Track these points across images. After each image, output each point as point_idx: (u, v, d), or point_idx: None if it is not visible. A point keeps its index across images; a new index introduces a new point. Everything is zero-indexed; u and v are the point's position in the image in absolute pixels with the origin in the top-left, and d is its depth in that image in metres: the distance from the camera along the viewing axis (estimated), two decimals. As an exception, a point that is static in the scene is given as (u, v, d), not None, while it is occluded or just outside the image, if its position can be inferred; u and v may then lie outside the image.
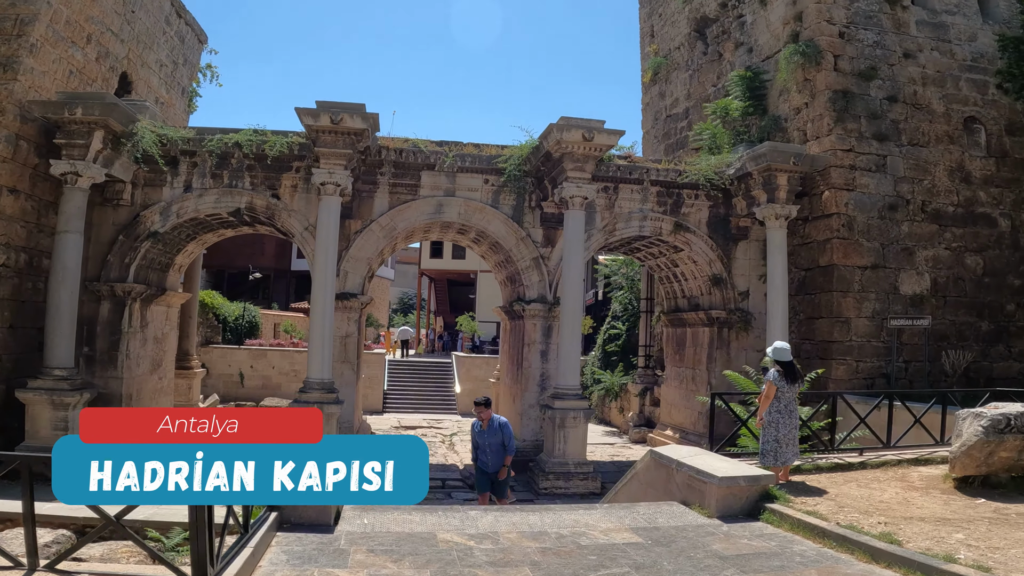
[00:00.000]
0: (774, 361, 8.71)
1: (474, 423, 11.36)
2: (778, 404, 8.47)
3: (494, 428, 10.99)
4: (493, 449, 10.99)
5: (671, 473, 7.52)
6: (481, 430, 11.10)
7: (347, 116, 14.24)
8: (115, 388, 15.81)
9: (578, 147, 14.95)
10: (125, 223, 16.11)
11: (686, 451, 7.92)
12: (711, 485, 6.99)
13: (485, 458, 11.14)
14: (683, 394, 19.49)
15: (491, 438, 10.97)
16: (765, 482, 7.41)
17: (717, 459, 7.87)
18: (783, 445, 8.37)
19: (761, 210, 16.32)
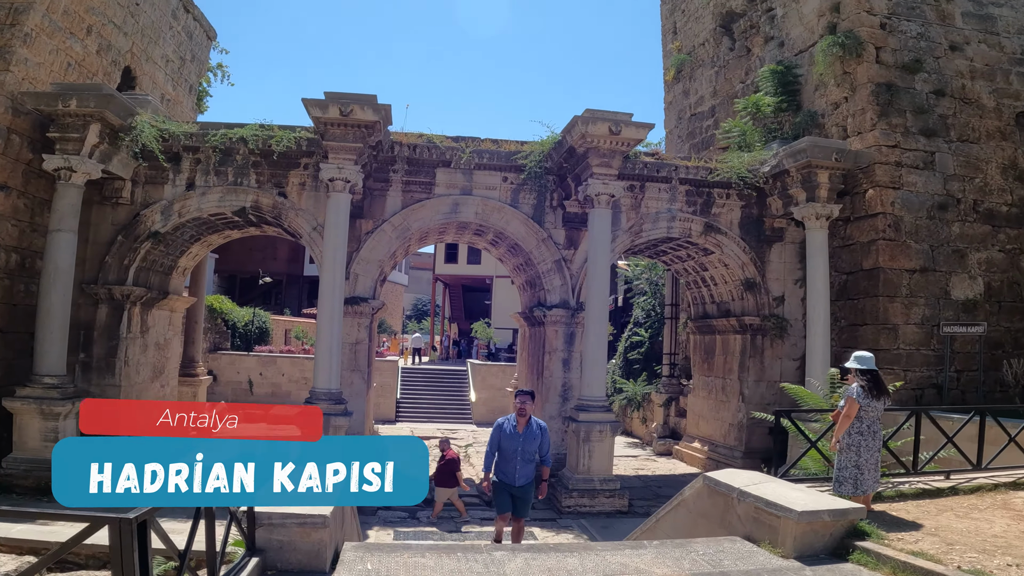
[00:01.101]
0: (858, 373, 7.48)
1: (503, 423, 9.06)
2: (859, 424, 7.26)
3: (533, 432, 8.92)
4: (526, 458, 8.91)
5: (730, 503, 6.44)
6: (514, 432, 8.90)
7: (357, 107, 13.31)
8: (112, 396, 14.89)
9: (604, 141, 13.95)
10: (124, 223, 15.25)
11: (746, 477, 6.82)
12: (787, 520, 5.84)
13: (511, 468, 8.94)
14: (712, 405, 18.42)
15: (527, 443, 8.89)
16: (854, 516, 6.20)
17: (787, 487, 6.72)
18: (864, 471, 7.19)
19: (800, 210, 15.26)
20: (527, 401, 9.02)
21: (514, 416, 9.03)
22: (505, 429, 8.96)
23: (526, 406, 8.97)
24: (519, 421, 8.94)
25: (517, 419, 8.96)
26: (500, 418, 9.20)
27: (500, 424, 9.07)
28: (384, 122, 13.87)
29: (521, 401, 9.00)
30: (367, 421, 16.16)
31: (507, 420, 9.05)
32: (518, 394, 9.13)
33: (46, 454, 12.66)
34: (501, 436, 8.96)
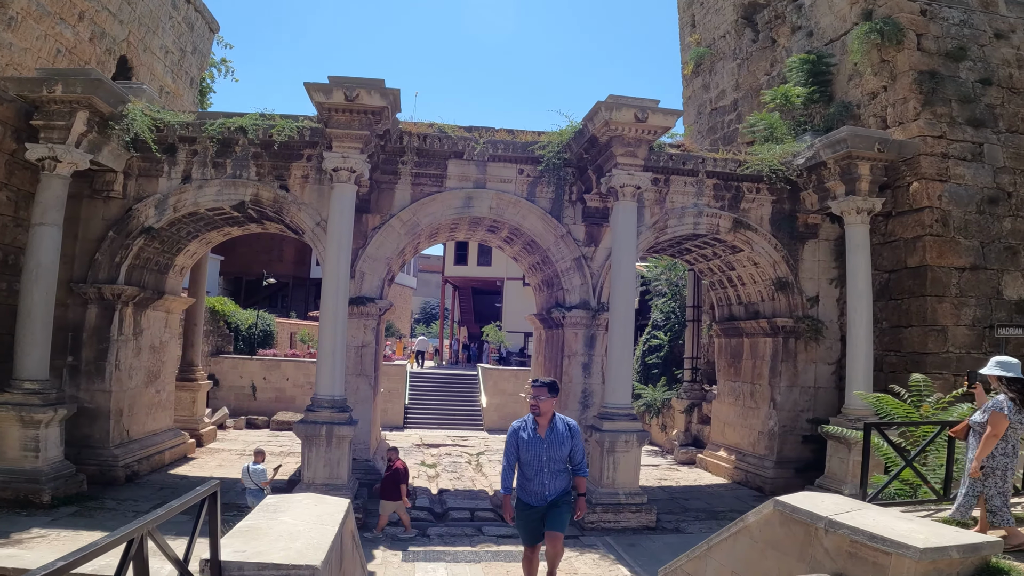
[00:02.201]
0: (1003, 382, 6.07)
1: (519, 427, 7.10)
2: (1004, 444, 6.00)
3: (559, 434, 6.94)
4: (554, 469, 6.93)
5: (814, 534, 5.28)
6: (534, 437, 6.93)
7: (364, 92, 12.33)
8: (102, 403, 14.01)
9: (629, 129, 12.93)
10: (116, 218, 14.32)
11: (831, 503, 5.66)
12: (902, 558, 4.57)
13: (537, 485, 6.95)
14: (739, 411, 17.36)
15: (554, 450, 6.90)
16: (988, 551, 4.92)
17: (890, 516, 5.43)
18: (1008, 498, 6.01)
19: (838, 204, 14.20)
20: (543, 395, 6.93)
21: (531, 417, 7.02)
22: (522, 435, 6.97)
23: (541, 402, 6.91)
24: (538, 423, 6.95)
25: (535, 420, 6.98)
26: (515, 421, 7.17)
27: (515, 429, 7.04)
28: (392, 108, 12.88)
29: (535, 396, 6.95)
30: (373, 429, 15.18)
31: (523, 423, 7.06)
32: (533, 385, 7.15)
33: (26, 464, 11.75)
34: (519, 444, 6.96)
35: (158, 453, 15.63)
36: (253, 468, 11.14)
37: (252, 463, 11.30)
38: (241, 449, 19.48)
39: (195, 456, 17.57)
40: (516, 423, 7.15)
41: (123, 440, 14.52)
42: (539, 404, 6.92)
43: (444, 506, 14.35)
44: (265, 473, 11.20)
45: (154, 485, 14.17)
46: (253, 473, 11.07)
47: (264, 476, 11.16)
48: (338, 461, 11.94)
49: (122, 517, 11.79)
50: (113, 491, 13.27)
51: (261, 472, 11.15)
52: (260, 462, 11.35)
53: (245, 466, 11.25)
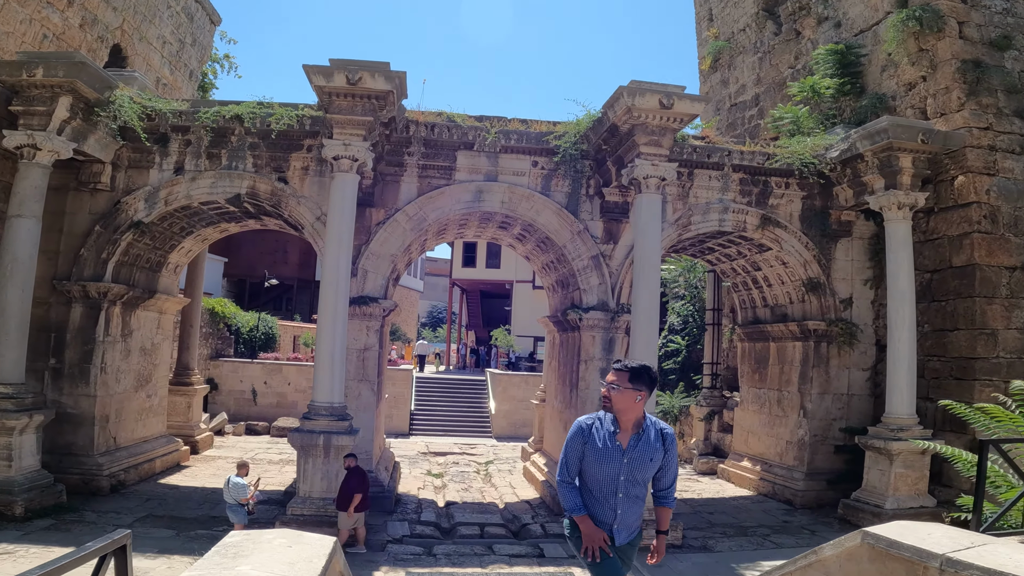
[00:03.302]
0: None
1: (586, 427, 4.78)
2: None
3: (649, 446, 4.73)
4: (632, 494, 4.72)
5: (922, 574, 4.24)
6: (612, 446, 4.68)
7: (367, 75, 11.40)
8: (86, 408, 13.10)
9: (653, 116, 11.96)
10: (104, 211, 13.45)
11: (943, 536, 4.52)
12: None
13: (601, 511, 4.72)
14: (765, 420, 16.34)
15: (636, 467, 4.70)
16: None
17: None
18: None
19: (877, 199, 13.21)
20: (621, 383, 4.64)
21: (609, 416, 4.74)
22: (594, 438, 4.68)
23: (615, 393, 4.66)
24: (620, 425, 4.69)
25: (615, 420, 4.71)
26: (584, 417, 4.84)
27: (583, 428, 4.75)
28: (398, 94, 11.95)
29: (609, 383, 4.70)
30: (376, 437, 14.23)
31: (596, 421, 4.77)
32: (617, 370, 4.71)
33: (-2, 474, 10.81)
34: (587, 451, 4.70)
35: (148, 461, 14.70)
36: (234, 482, 10.13)
37: (234, 475, 10.29)
38: (238, 456, 18.49)
39: (189, 464, 16.65)
40: (585, 420, 4.78)
41: (109, 448, 13.61)
42: (611, 396, 4.67)
43: (452, 520, 13.39)
44: (246, 489, 10.19)
45: (141, 496, 13.25)
46: (233, 488, 10.07)
47: (244, 492, 10.15)
48: (337, 473, 10.98)
49: (100, 531, 10.83)
50: (96, 502, 12.35)
51: (242, 487, 10.14)
52: (244, 475, 10.35)
53: (227, 479, 10.26)
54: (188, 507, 12.67)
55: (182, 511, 12.37)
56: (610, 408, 4.73)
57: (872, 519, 12.21)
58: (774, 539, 12.22)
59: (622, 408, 4.70)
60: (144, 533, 10.97)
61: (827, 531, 12.59)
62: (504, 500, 15.46)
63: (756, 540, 12.18)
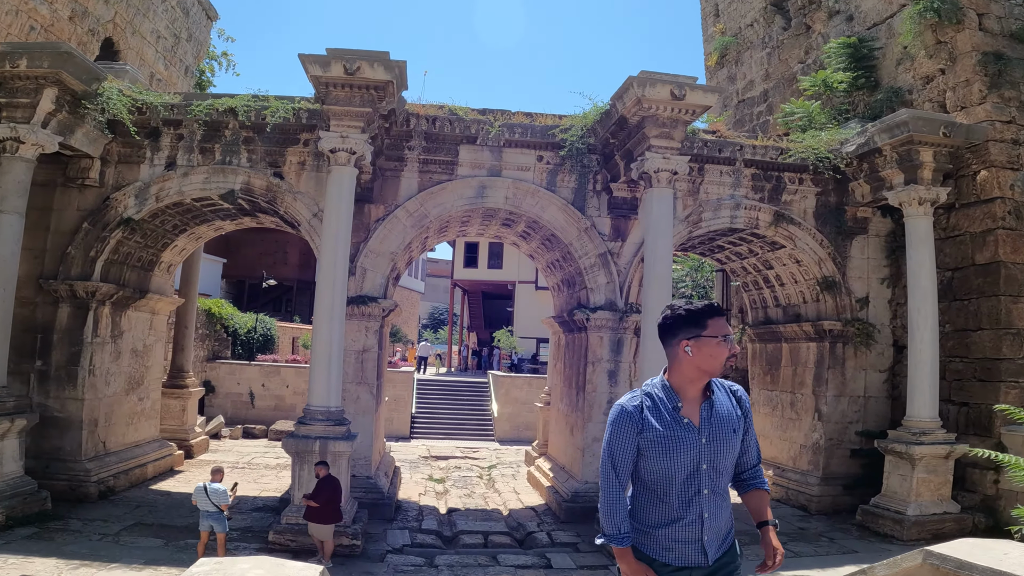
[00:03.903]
0: None
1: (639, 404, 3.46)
2: None
3: (726, 413, 3.52)
4: (718, 487, 3.48)
5: None
6: (678, 423, 3.42)
7: (365, 65, 10.91)
8: (74, 411, 12.59)
9: (664, 108, 11.45)
10: (92, 208, 12.96)
11: (1020, 553, 4.04)
12: None
13: (684, 520, 3.42)
14: (777, 423, 15.82)
15: (720, 446, 3.46)
16: None
17: None
18: None
19: (896, 194, 12.71)
20: (715, 324, 3.45)
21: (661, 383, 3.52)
22: (650, 422, 3.42)
23: (694, 344, 3.43)
24: (680, 395, 3.47)
25: (672, 389, 3.48)
26: (625, 398, 3.55)
27: (630, 412, 3.44)
28: (398, 85, 11.46)
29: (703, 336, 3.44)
30: (376, 442, 13.71)
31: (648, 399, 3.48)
32: (679, 313, 3.54)
33: (-24, 482, 10.31)
34: (647, 439, 3.42)
35: (139, 467, 14.19)
36: (212, 488, 9.60)
37: (209, 482, 9.76)
38: (235, 461, 18.07)
39: (183, 469, 16.13)
40: (628, 400, 3.48)
41: (98, 452, 13.10)
42: (693, 354, 3.42)
43: (454, 529, 12.87)
44: (227, 494, 9.67)
45: (130, 502, 12.73)
46: (212, 493, 9.53)
47: (226, 497, 9.62)
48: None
49: (86, 540, 10.38)
50: (82, 510, 11.83)
51: (223, 493, 9.61)
52: (218, 481, 9.83)
53: (200, 485, 9.71)
54: (179, 515, 12.15)
55: (172, 519, 11.86)
56: (700, 367, 3.41)
57: (893, 526, 11.76)
58: (792, 547, 11.69)
59: (692, 373, 3.42)
60: (131, 542, 10.48)
61: (846, 538, 12.09)
62: (508, 507, 14.95)
63: (772, 548, 11.65)
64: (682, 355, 3.43)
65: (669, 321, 3.53)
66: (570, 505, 13.25)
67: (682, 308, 3.53)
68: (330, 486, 9.87)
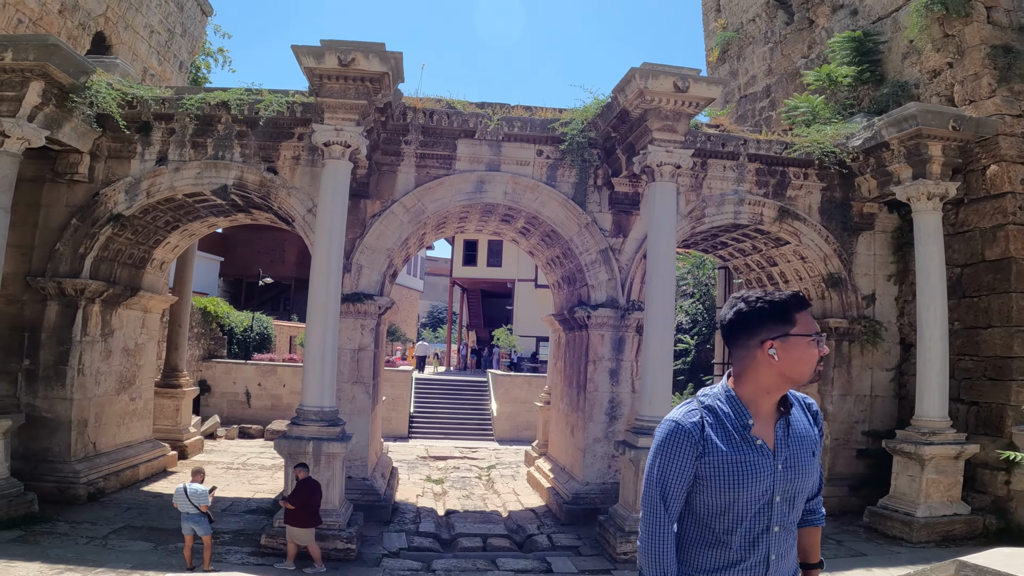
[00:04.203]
0: None
1: (699, 421, 2.68)
2: None
3: (804, 428, 2.82)
4: (789, 522, 2.76)
5: None
6: (750, 446, 2.68)
7: (360, 56, 10.61)
8: (62, 412, 12.30)
9: (667, 100, 11.16)
10: (81, 204, 12.68)
11: None
12: None
13: (749, 562, 2.70)
14: (781, 425, 15.52)
15: (797, 472, 2.75)
16: None
17: None
18: None
19: (904, 189, 12.42)
20: (805, 319, 2.70)
21: (724, 393, 2.77)
22: (714, 444, 2.67)
23: (780, 346, 2.66)
24: (751, 410, 2.73)
25: (739, 402, 2.73)
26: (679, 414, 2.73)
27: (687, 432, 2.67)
28: (394, 77, 11.17)
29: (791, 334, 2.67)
30: (372, 443, 13.42)
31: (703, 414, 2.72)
32: (768, 302, 2.69)
33: (-40, 486, 10.01)
34: (708, 471, 2.67)
35: (131, 468, 13.90)
36: (192, 489, 9.28)
37: (189, 483, 9.45)
38: (230, 462, 17.79)
39: (176, 470, 15.84)
40: (686, 415, 2.72)
41: (88, 453, 12.81)
42: (781, 356, 2.67)
43: (452, 531, 12.59)
44: (207, 495, 9.36)
45: (120, 504, 12.44)
46: (192, 495, 9.22)
47: (206, 498, 9.31)
48: (328, 483, 10.17)
49: (72, 543, 10.10)
50: (71, 512, 11.55)
51: (203, 494, 9.30)
52: (199, 481, 9.53)
53: (180, 487, 9.39)
54: (170, 517, 11.81)
55: (163, 521, 11.56)
56: (784, 376, 2.68)
57: (902, 528, 11.50)
58: (797, 552, 11.41)
59: (789, 375, 2.67)
60: (119, 546, 10.20)
61: (854, 541, 11.81)
62: (508, 508, 14.67)
63: (778, 552, 11.38)
64: (762, 359, 2.66)
65: (746, 316, 2.72)
66: (571, 507, 12.98)
67: (763, 299, 2.70)
68: (307, 488, 9.60)
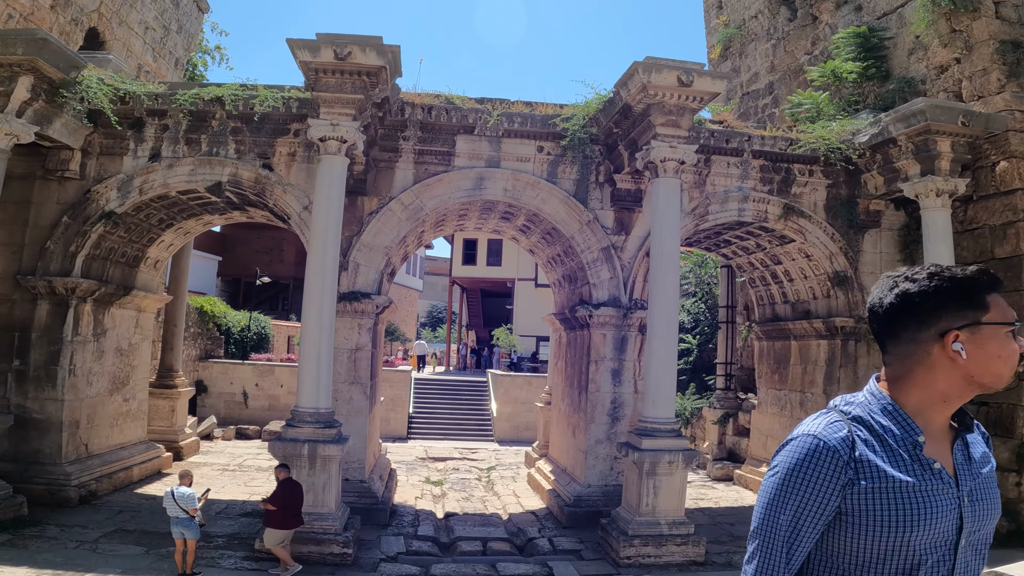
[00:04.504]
0: None
1: (845, 438, 1.89)
2: None
3: (982, 456, 2.05)
4: (976, 564, 1.98)
5: None
6: (929, 473, 1.90)
7: (357, 49, 10.37)
8: (53, 413, 12.06)
9: (671, 95, 10.91)
10: (72, 201, 12.44)
11: None
12: None
13: None
14: (786, 423, 15.29)
15: (984, 507, 1.98)
16: None
17: None
18: None
19: (912, 186, 12.17)
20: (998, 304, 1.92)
21: (890, 405, 1.97)
22: (874, 466, 1.88)
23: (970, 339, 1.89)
24: (931, 416, 1.97)
25: (916, 409, 1.96)
26: (819, 426, 1.94)
27: (831, 449, 1.89)
28: (391, 71, 10.93)
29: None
30: (370, 445, 13.18)
31: (862, 426, 1.96)
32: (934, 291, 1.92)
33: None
34: (863, 496, 1.88)
35: (124, 470, 13.65)
36: (179, 492, 9.04)
37: (177, 486, 9.20)
38: (226, 463, 17.53)
39: (170, 472, 15.56)
40: (829, 429, 1.93)
41: (80, 455, 12.57)
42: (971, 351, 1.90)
43: (451, 535, 12.34)
44: (195, 499, 9.12)
45: (112, 507, 12.19)
46: (180, 498, 8.98)
47: (194, 502, 9.07)
48: (324, 486, 9.94)
49: (61, 547, 9.86)
50: (61, 515, 11.30)
51: (190, 497, 9.06)
52: (187, 484, 9.29)
53: (168, 490, 9.15)
54: (163, 520, 11.46)
55: (156, 524, 11.29)
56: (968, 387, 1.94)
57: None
58: (804, 557, 11.16)
59: (979, 379, 1.92)
60: (109, 550, 9.95)
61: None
62: (508, 511, 14.43)
63: (783, 556, 11.12)
64: (940, 357, 1.92)
65: (916, 298, 1.95)
66: (572, 509, 12.74)
67: (940, 275, 1.94)
68: (287, 489, 9.36)
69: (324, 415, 10.16)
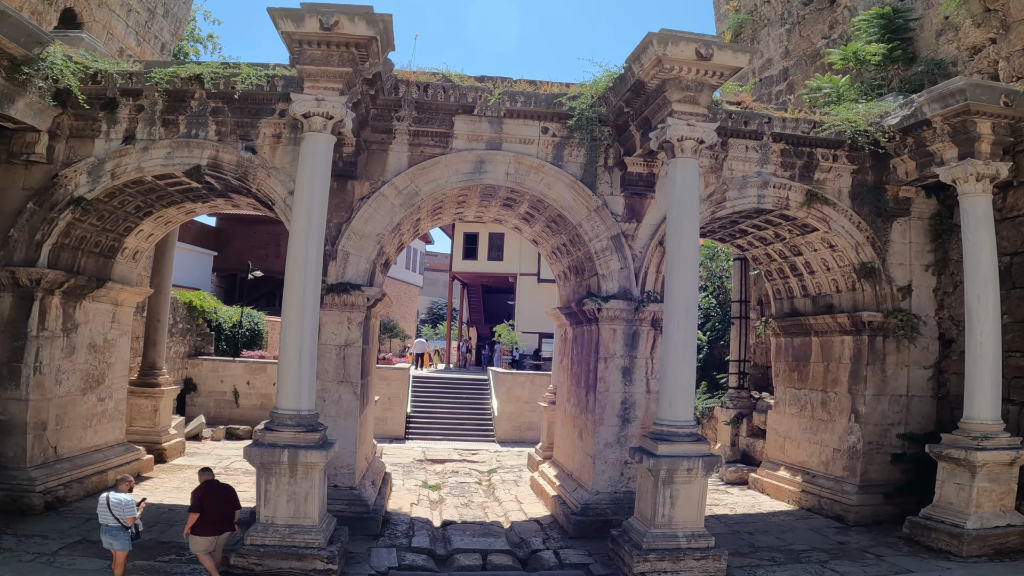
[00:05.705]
0: None
1: None
2: None
3: None
4: None
5: None
6: None
7: (345, 19, 9.42)
8: (17, 413, 11.15)
9: (688, 69, 9.94)
10: (39, 187, 11.51)
11: None
12: None
13: None
14: (807, 424, 14.37)
15: None
16: None
17: None
18: None
19: (950, 170, 11.22)
20: None
21: None
22: None
23: None
24: None
25: None
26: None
27: None
28: (383, 43, 9.96)
29: None
30: (361, 448, 12.24)
31: None
32: None
33: None
34: None
35: (98, 474, 12.71)
36: (115, 499, 8.08)
37: (114, 492, 8.25)
38: (211, 466, 16.53)
39: (151, 475, 14.68)
40: None
41: (47, 459, 11.65)
42: None
43: (449, 546, 11.39)
44: (133, 506, 8.16)
45: (80, 515, 11.21)
46: (115, 506, 8.00)
47: (132, 510, 8.10)
48: (306, 496, 9.01)
49: (15, 561, 8.94)
50: (22, 524, 10.37)
51: (128, 505, 8.09)
52: (127, 490, 8.35)
53: (103, 496, 8.18)
54: (136, 532, 10.70)
55: (127, 537, 10.39)
56: None
57: (950, 540, 10.38)
58: (835, 567, 10.26)
59: None
60: (68, 564, 9.02)
61: (895, 555, 10.67)
62: (509, 518, 13.49)
63: (815, 569, 10.22)
64: None
65: None
66: (579, 518, 11.81)
67: None
68: (199, 494, 8.59)
69: (306, 418, 9.20)
